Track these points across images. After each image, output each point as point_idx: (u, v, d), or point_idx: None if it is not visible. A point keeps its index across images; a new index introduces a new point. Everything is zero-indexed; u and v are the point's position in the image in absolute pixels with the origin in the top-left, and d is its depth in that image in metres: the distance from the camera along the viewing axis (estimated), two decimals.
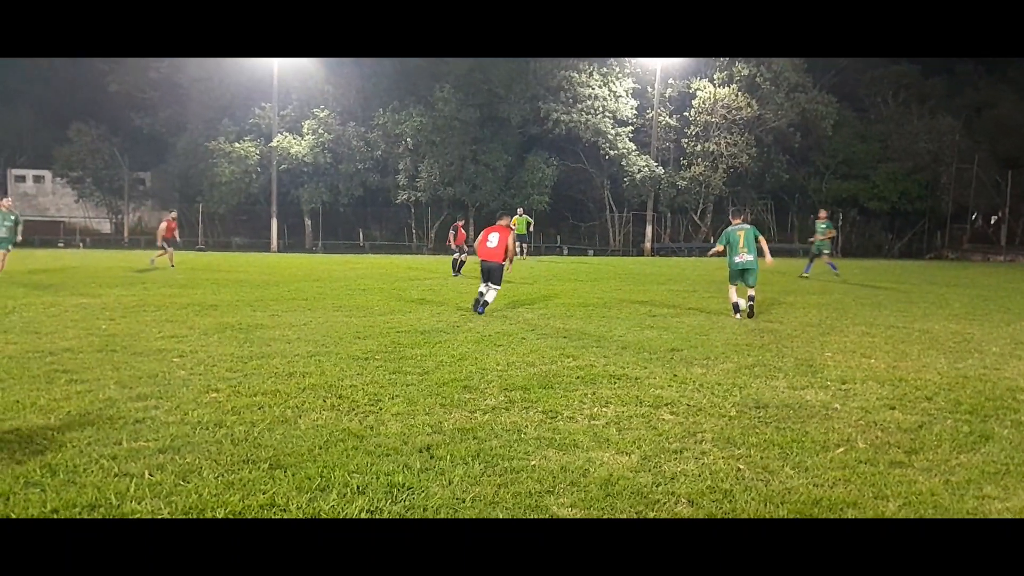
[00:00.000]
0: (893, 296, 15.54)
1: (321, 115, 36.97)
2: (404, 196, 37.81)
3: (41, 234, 36.80)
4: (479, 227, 39.61)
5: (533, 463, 4.38)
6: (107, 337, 8.44)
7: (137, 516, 3.55)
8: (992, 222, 44.24)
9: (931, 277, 21.61)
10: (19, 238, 17.13)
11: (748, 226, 11.78)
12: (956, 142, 40.93)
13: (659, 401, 5.91)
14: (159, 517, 3.55)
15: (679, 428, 5.17)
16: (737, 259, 11.51)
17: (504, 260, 11.47)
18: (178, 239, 22.60)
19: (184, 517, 3.56)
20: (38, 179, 45.73)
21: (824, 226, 20.74)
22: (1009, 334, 10.04)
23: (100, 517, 3.55)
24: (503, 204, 37.92)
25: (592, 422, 5.30)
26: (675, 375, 6.95)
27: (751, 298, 11.40)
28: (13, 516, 3.52)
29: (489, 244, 11.56)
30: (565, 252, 38.33)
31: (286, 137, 36.93)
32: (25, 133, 44.25)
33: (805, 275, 19.89)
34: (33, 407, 5.35)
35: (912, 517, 3.75)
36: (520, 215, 30.17)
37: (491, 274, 11.50)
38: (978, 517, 3.77)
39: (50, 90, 42.06)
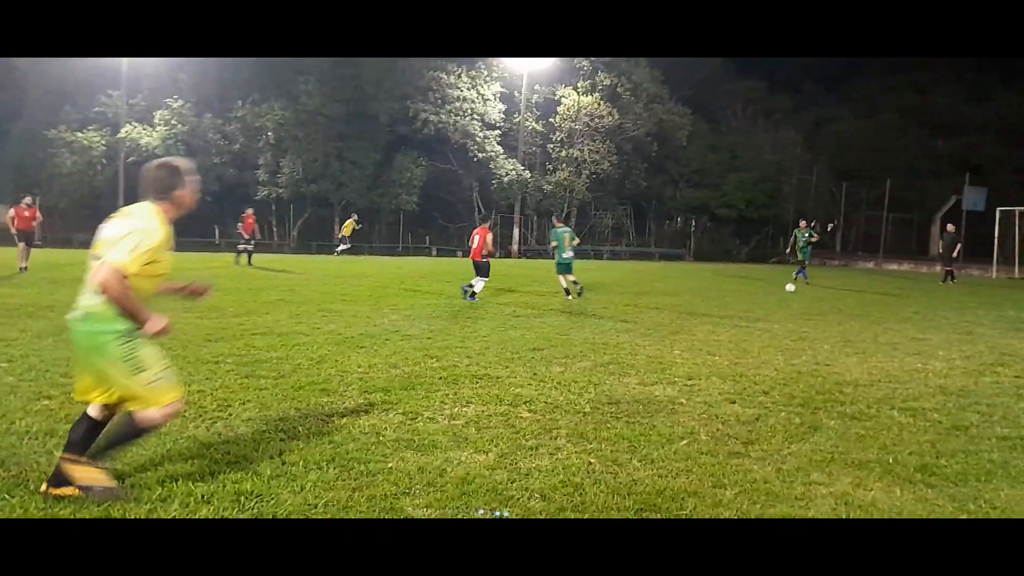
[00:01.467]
0: (738, 298, 16.56)
1: (174, 105, 35.01)
2: (264, 192, 36.44)
3: None
4: (342, 223, 38.92)
5: (390, 465, 4.35)
6: None
7: None
8: (828, 229, 48.02)
9: (774, 280, 23.17)
10: None
11: (569, 229, 15.71)
12: (798, 155, 44.23)
13: (518, 399, 6.03)
14: None
15: (536, 425, 5.29)
16: (565, 255, 14.93)
17: (483, 256, 14.09)
18: (35, 230, 18.32)
19: None
20: None
21: (807, 234, 20.97)
22: (840, 332, 10.93)
23: None
24: (371, 203, 37.33)
25: (452, 422, 5.33)
26: (535, 373, 7.11)
27: (576, 281, 14.89)
28: None
29: (472, 244, 14.34)
30: (434, 253, 38.24)
31: (135, 128, 34.72)
32: None
33: (807, 282, 20.71)
34: None
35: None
36: (352, 218, 32.03)
37: (478, 268, 14.16)
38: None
39: None
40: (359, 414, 5.46)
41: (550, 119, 40.12)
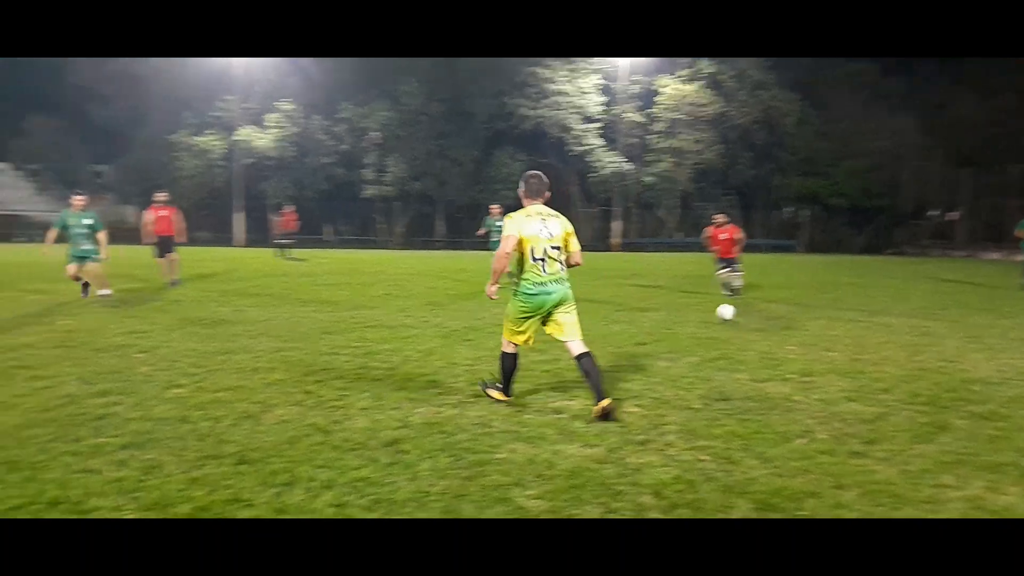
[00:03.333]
0: (853, 290, 15.84)
1: (285, 108, 36.56)
2: (371, 191, 37.57)
3: None
4: (449, 222, 39.62)
5: (500, 456, 4.41)
6: (66, 333, 8.29)
7: (100, 513, 3.50)
8: (950, 219, 45.27)
9: (890, 272, 22.04)
10: (103, 254, 11.58)
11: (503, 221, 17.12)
12: (915, 140, 41.81)
13: (625, 394, 5.97)
14: (122, 514, 3.50)
15: (644, 421, 5.23)
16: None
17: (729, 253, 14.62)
18: (172, 236, 14.42)
19: (147, 514, 3.52)
20: None
21: None
22: (965, 328, 10.28)
23: (62, 514, 3.49)
24: (472, 199, 37.84)
25: (559, 416, 5.34)
26: (641, 368, 7.03)
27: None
28: None
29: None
30: None
31: (249, 130, 36.47)
32: None
33: None
34: None
35: (881, 514, 3.84)
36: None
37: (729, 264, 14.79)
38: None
39: (4, 81, 40.92)
40: (467, 405, 5.55)
41: (650, 109, 39.53)
